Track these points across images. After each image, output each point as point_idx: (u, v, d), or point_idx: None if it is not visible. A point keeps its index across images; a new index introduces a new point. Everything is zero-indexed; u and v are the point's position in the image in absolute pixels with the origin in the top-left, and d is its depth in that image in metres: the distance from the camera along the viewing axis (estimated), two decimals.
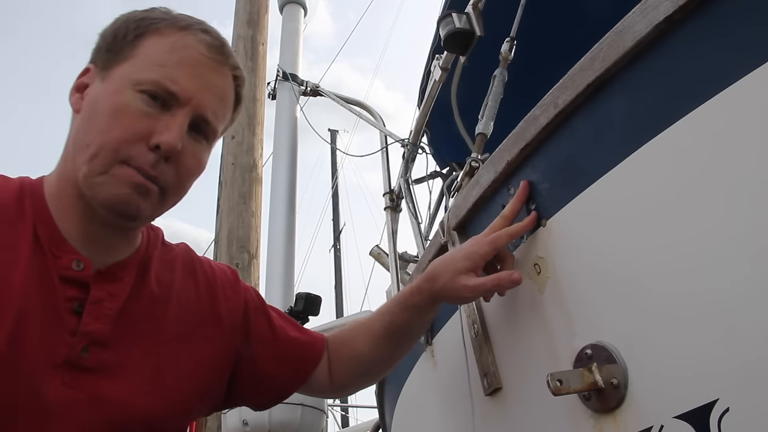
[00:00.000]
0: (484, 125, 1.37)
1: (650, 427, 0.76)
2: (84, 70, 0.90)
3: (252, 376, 1.03)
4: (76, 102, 0.88)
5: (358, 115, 3.21)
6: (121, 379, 0.83)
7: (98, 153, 0.81)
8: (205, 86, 0.86)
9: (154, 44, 0.86)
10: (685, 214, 0.75)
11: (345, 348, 1.12)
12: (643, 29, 0.79)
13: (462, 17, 1.59)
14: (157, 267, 0.93)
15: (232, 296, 1.02)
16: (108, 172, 0.81)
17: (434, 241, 1.30)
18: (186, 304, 0.94)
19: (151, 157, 0.81)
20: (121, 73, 0.85)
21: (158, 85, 0.82)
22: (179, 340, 0.91)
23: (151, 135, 0.81)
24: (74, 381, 0.79)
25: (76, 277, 0.82)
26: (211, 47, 0.87)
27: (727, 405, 0.67)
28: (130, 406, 0.83)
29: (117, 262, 0.87)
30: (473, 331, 1.11)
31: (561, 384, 0.80)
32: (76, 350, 0.80)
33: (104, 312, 0.83)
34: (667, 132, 0.77)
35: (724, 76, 0.71)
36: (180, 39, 0.86)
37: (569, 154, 0.93)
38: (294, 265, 3.26)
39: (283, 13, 4.20)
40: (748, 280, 0.66)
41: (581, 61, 0.88)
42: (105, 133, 0.81)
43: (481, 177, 1.10)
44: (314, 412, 2.44)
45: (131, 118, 0.81)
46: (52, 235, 0.83)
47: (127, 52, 0.86)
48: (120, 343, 0.84)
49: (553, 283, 0.93)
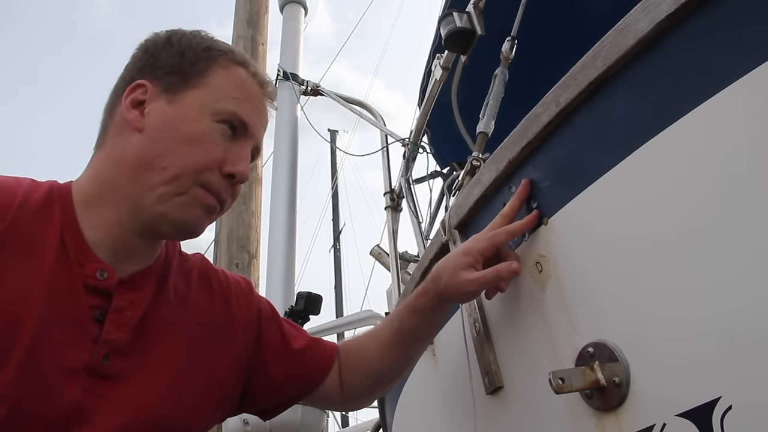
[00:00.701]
0: (485, 124, 1.37)
1: (652, 426, 0.76)
2: (135, 85, 0.90)
3: (264, 384, 1.04)
4: (135, 119, 0.88)
5: (358, 114, 3.21)
6: (141, 386, 0.84)
7: (179, 176, 0.86)
8: (262, 122, 0.96)
9: (224, 77, 0.91)
10: (689, 211, 0.75)
11: (355, 357, 1.13)
12: (645, 27, 0.79)
13: (463, 16, 1.59)
14: (175, 276, 0.96)
15: (246, 306, 1.04)
16: (187, 194, 0.86)
17: (435, 240, 1.30)
18: (202, 313, 0.96)
19: (224, 183, 0.89)
20: (195, 101, 0.89)
21: (236, 117, 0.90)
22: (196, 349, 0.93)
23: (223, 163, 0.88)
24: (94, 388, 0.80)
25: (100, 286, 0.84)
26: (264, 84, 0.96)
27: (729, 403, 0.67)
28: (150, 413, 0.84)
29: (139, 271, 0.89)
30: (474, 330, 1.11)
31: (563, 382, 0.79)
32: (97, 357, 0.81)
33: (125, 321, 0.85)
34: (670, 130, 0.77)
35: (726, 73, 0.71)
36: (243, 74, 0.93)
37: (571, 153, 0.92)
38: (295, 264, 3.26)
39: (284, 12, 4.20)
40: (751, 277, 0.66)
41: (583, 59, 0.88)
42: (186, 158, 0.86)
43: (483, 175, 1.10)
44: (315, 412, 2.44)
45: (211, 146, 0.88)
46: (78, 242, 0.84)
47: (197, 79, 0.90)
48: (139, 351, 0.85)
49: (555, 282, 0.93)
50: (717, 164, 0.72)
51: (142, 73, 0.91)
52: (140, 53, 0.94)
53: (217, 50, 0.93)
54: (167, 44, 0.92)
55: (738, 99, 0.70)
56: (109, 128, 0.92)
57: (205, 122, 0.88)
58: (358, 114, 3.21)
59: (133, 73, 0.92)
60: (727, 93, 0.71)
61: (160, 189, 0.86)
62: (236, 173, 0.89)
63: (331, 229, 15.03)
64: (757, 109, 0.68)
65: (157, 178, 0.86)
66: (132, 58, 0.95)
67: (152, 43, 0.93)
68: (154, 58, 0.92)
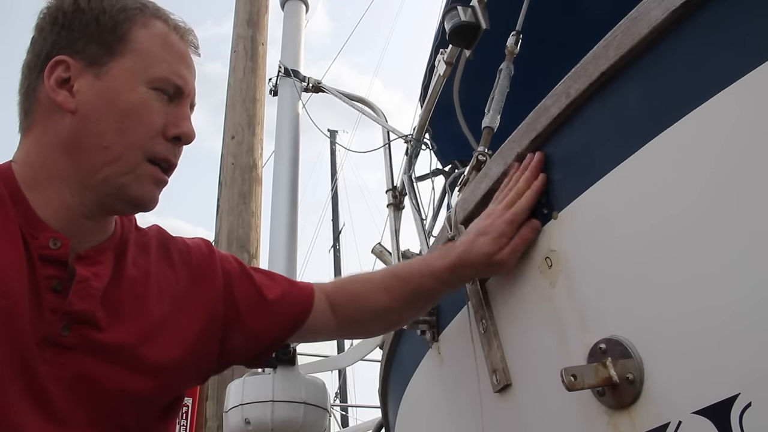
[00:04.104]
0: (490, 119, 1.35)
1: (667, 424, 0.74)
2: (55, 62, 0.84)
3: (244, 339, 1.03)
4: (65, 100, 0.83)
5: (360, 111, 3.19)
6: (107, 357, 0.83)
7: (123, 154, 0.83)
8: (193, 75, 0.93)
9: (147, 38, 0.88)
10: (704, 204, 0.73)
11: (349, 296, 1.13)
12: (660, 15, 0.77)
13: (467, 10, 1.58)
14: (133, 251, 0.93)
15: (208, 269, 1.01)
16: (135, 171, 0.85)
17: (440, 235, 1.28)
18: (165, 285, 0.94)
19: (171, 148, 0.88)
20: (124, 70, 0.85)
21: (169, 82, 0.87)
22: (162, 321, 0.91)
23: (166, 128, 0.87)
24: (55, 359, 0.79)
25: (54, 255, 0.82)
26: (185, 34, 0.93)
27: (749, 399, 0.65)
28: (116, 385, 0.83)
29: (95, 247, 0.87)
30: (482, 327, 1.09)
31: (575, 379, 0.78)
32: (56, 328, 0.80)
33: (90, 292, 0.83)
34: (684, 121, 0.75)
35: (743, 63, 0.69)
36: (164, 30, 0.90)
37: (582, 145, 0.91)
38: (296, 259, 3.24)
39: (285, 9, 4.18)
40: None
41: (594, 49, 0.86)
42: (127, 134, 0.84)
43: (490, 169, 1.08)
44: (317, 411, 2.42)
45: (150, 114, 0.85)
46: (27, 214, 0.82)
47: (119, 46, 0.86)
48: (104, 324, 0.84)
49: (566, 277, 0.91)
50: (734, 156, 0.70)
51: (58, 48, 0.85)
52: (48, 25, 0.86)
53: (132, 8, 0.88)
54: (77, 10, 0.86)
55: (755, 89, 0.68)
56: (33, 110, 0.86)
57: (139, 90, 0.85)
58: (359, 111, 3.19)
59: (47, 48, 0.85)
60: (743, 83, 0.69)
61: (105, 170, 0.83)
62: (182, 134, 0.88)
63: (331, 229, 15.00)
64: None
65: (99, 159, 0.83)
66: (39, 30, 0.87)
67: (59, 12, 0.86)
68: (67, 29, 0.85)
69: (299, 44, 3.93)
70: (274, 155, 3.55)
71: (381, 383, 2.08)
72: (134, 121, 0.84)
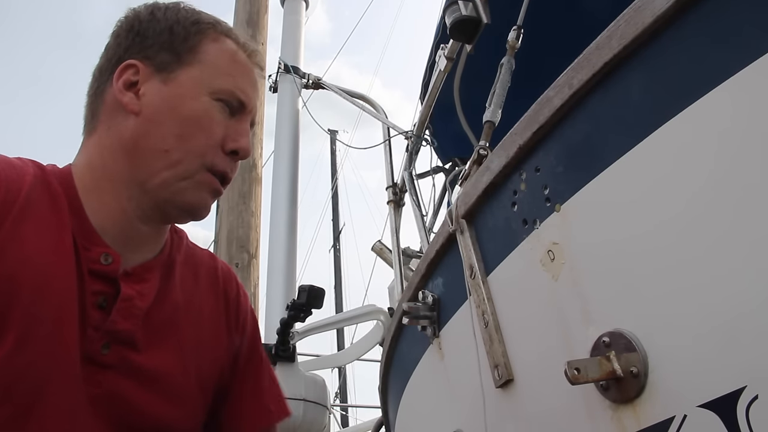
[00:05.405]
0: (492, 113, 1.34)
1: (672, 417, 0.73)
2: (126, 65, 0.87)
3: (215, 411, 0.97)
4: (130, 102, 0.85)
5: (361, 108, 3.18)
6: (142, 381, 0.82)
7: (183, 159, 0.84)
8: (256, 94, 0.94)
9: (216, 52, 0.89)
10: (708, 194, 0.72)
11: None
12: (664, 4, 0.76)
13: (468, 5, 1.57)
14: (181, 272, 0.93)
15: (242, 324, 1.00)
16: (193, 178, 0.84)
17: (441, 230, 1.27)
18: (206, 317, 0.94)
19: (228, 162, 0.88)
20: (190, 78, 0.86)
21: (233, 95, 0.88)
22: (195, 351, 0.90)
23: (225, 141, 0.87)
24: (91, 376, 0.78)
25: (104, 271, 0.81)
26: (252, 54, 0.94)
27: (756, 392, 0.64)
28: (148, 409, 0.82)
29: (143, 264, 0.87)
30: (483, 322, 1.08)
31: (579, 373, 0.77)
32: (96, 346, 0.79)
33: (133, 311, 0.82)
34: (688, 111, 0.75)
35: (748, 51, 0.68)
36: (233, 47, 0.92)
37: (585, 137, 0.90)
38: (296, 258, 3.23)
39: (285, 6, 4.17)
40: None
41: (597, 40, 0.86)
42: (187, 140, 0.84)
43: (492, 163, 1.07)
44: (317, 408, 2.40)
45: (211, 123, 0.86)
46: (83, 225, 0.82)
47: (189, 56, 0.87)
48: (143, 346, 0.83)
49: (568, 270, 0.90)
50: (739, 146, 0.69)
51: (131, 53, 0.87)
52: (124, 32, 0.89)
53: (205, 23, 0.91)
54: (152, 20, 0.89)
55: (762, 77, 0.67)
56: (99, 112, 0.88)
57: (203, 100, 0.86)
58: (360, 107, 3.18)
59: (120, 53, 0.88)
60: (749, 71, 0.68)
61: (164, 173, 0.83)
62: (239, 149, 0.88)
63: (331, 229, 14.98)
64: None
65: (159, 163, 0.83)
66: (114, 37, 0.90)
67: (136, 20, 0.89)
68: (141, 36, 0.88)
69: (299, 41, 3.92)
70: (273, 154, 3.54)
71: (381, 380, 2.07)
72: (195, 128, 0.85)
